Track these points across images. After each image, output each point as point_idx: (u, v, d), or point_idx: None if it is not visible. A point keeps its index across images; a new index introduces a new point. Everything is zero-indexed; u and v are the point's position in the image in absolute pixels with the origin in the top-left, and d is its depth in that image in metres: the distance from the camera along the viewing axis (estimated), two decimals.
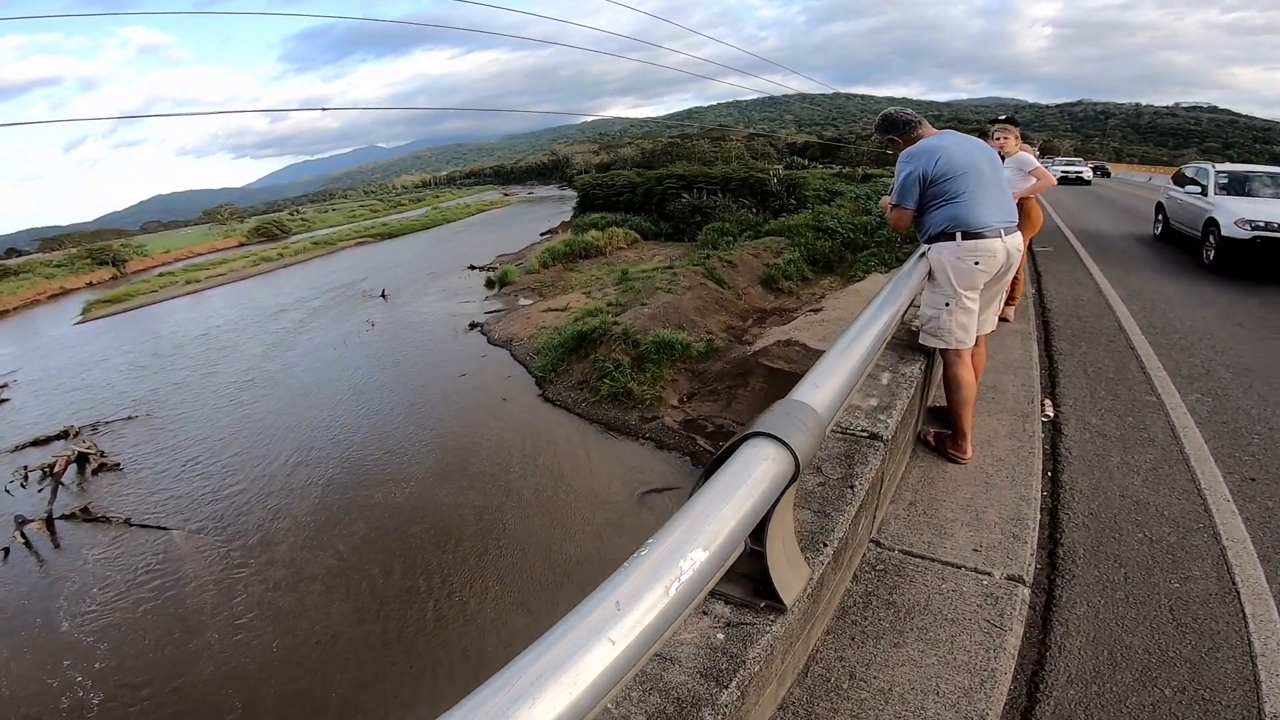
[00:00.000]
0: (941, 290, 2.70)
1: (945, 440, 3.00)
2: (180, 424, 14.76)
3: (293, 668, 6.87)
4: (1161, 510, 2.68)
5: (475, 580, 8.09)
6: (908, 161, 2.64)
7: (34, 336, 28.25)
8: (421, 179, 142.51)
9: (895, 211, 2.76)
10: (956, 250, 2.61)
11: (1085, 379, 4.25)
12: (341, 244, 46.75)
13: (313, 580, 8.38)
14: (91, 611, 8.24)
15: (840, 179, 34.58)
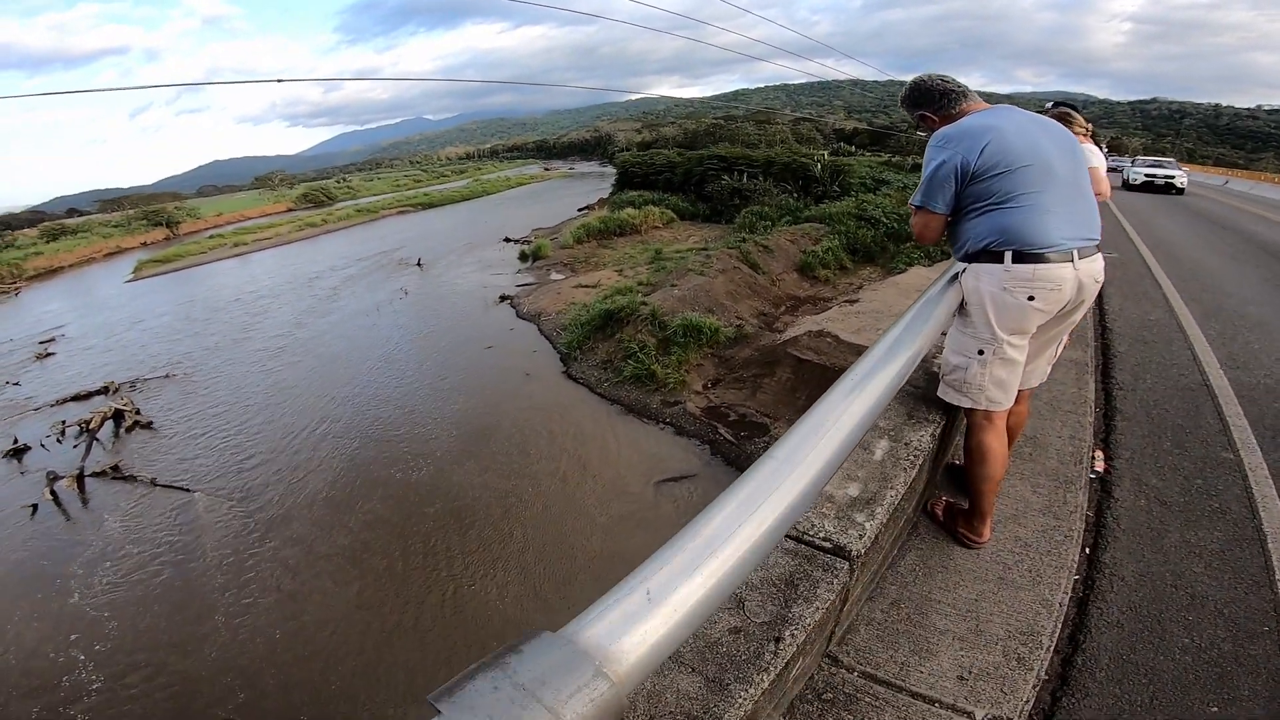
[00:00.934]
0: (975, 331, 1.99)
1: (958, 515, 2.31)
2: (213, 386, 15.10)
3: (296, 655, 6.71)
4: (1222, 609, 2.03)
5: (492, 569, 7.85)
6: (942, 146, 1.92)
7: (86, 293, 29.46)
8: (465, 151, 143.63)
9: (920, 216, 2.01)
10: (1003, 278, 1.88)
11: (1148, 424, 3.44)
12: (383, 212, 47.65)
13: (325, 560, 8.26)
14: (104, 582, 8.25)
15: (888, 167, 33.42)
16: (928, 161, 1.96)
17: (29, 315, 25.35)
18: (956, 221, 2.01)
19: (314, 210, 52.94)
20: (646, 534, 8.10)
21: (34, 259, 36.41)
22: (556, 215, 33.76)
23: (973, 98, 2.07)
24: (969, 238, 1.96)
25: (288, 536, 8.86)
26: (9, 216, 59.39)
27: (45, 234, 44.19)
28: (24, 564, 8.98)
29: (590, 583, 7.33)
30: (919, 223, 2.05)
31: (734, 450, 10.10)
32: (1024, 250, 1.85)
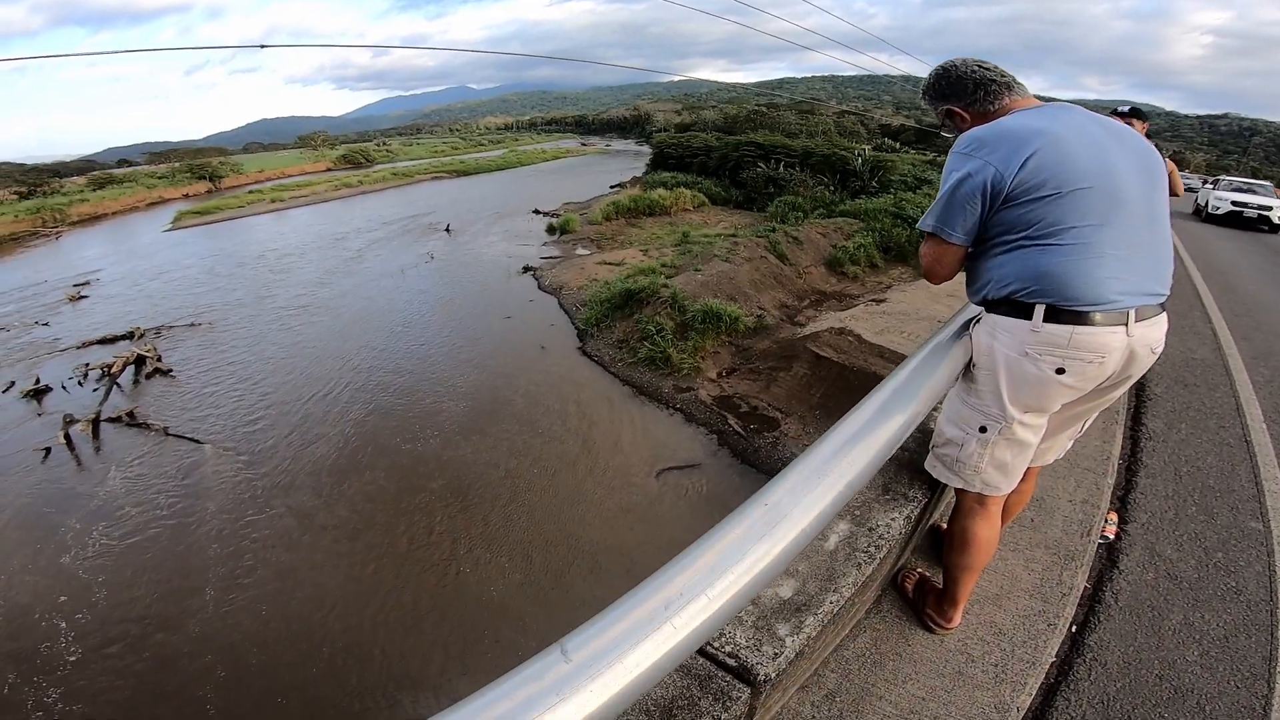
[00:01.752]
0: (979, 402, 1.60)
1: (929, 594, 1.99)
2: (234, 338, 15.29)
3: (283, 634, 6.50)
4: (1205, 704, 1.80)
5: (491, 553, 7.64)
6: (969, 153, 1.44)
7: (125, 240, 30.12)
8: (504, 122, 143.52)
9: (930, 246, 1.57)
10: (1026, 340, 1.45)
11: (1174, 483, 3.02)
12: (419, 177, 47.86)
13: (323, 533, 8.09)
14: (99, 544, 8.14)
15: (933, 167, 32.35)
16: (948, 173, 1.48)
17: (67, 259, 26.04)
18: (977, 256, 1.55)
19: (352, 171, 53.49)
20: (646, 528, 8.00)
21: (79, 205, 37.36)
22: (588, 191, 33.50)
23: (1020, 91, 1.57)
24: (989, 280, 1.51)
25: (289, 505, 8.74)
26: (59, 165, 60.98)
27: (92, 182, 45.32)
28: (28, 510, 9.01)
29: (586, 574, 7.20)
30: (929, 254, 1.57)
31: (741, 443, 9.95)
32: (1062, 306, 1.39)
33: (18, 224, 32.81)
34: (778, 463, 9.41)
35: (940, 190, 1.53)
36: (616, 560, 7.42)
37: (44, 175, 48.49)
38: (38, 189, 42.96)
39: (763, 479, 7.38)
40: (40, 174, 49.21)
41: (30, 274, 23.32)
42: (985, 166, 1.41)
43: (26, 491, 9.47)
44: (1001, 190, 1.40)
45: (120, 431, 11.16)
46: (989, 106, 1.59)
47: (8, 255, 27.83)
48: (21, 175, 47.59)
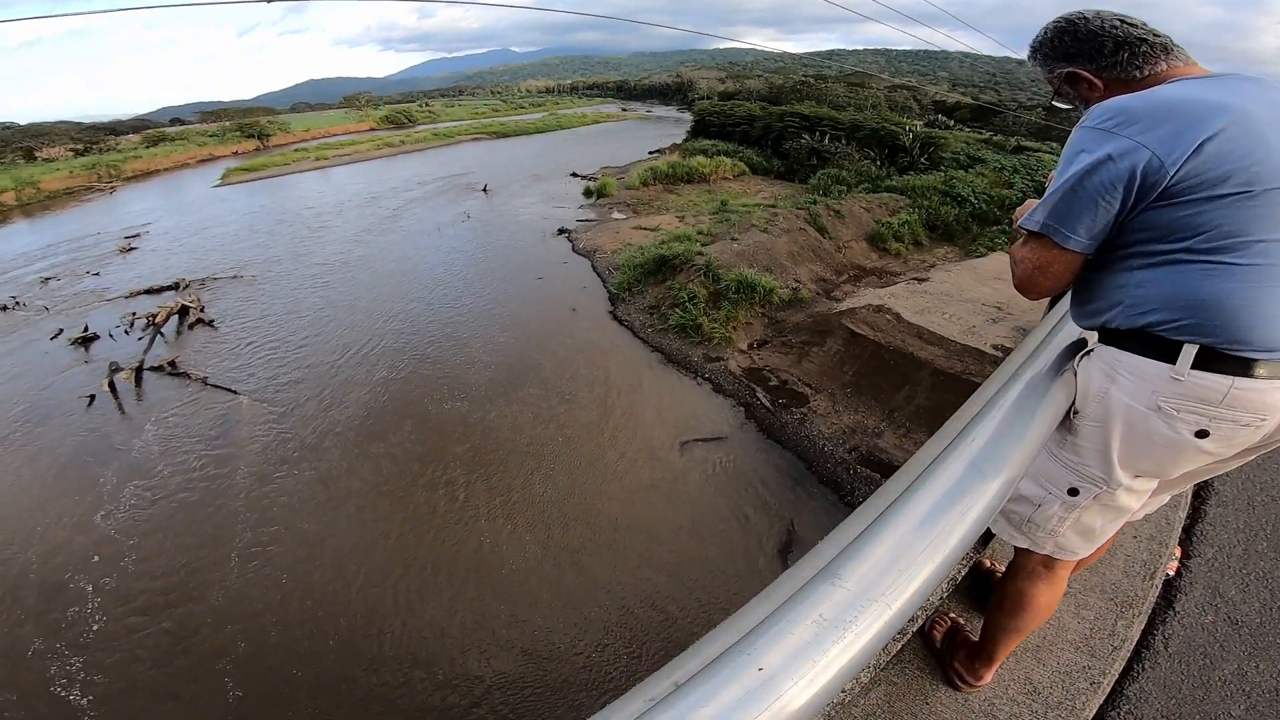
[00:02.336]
0: (1075, 460, 1.28)
1: (959, 645, 1.72)
2: (275, 292, 15.62)
3: (304, 606, 6.53)
4: None
5: (512, 526, 7.53)
6: (1111, 129, 1.06)
7: (175, 195, 31.12)
8: (545, 85, 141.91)
9: (1035, 249, 1.18)
10: (1162, 389, 1.10)
11: (1246, 513, 2.65)
12: (459, 138, 48.17)
13: (348, 500, 8.13)
14: (132, 503, 8.26)
15: (987, 146, 30.93)
16: (1073, 154, 1.10)
17: (120, 212, 26.97)
18: (1100, 268, 1.18)
19: (394, 131, 54.14)
20: (667, 505, 7.91)
21: (132, 162, 38.83)
22: (627, 156, 33.10)
23: (1180, 56, 1.20)
24: (1119, 303, 1.14)
25: (316, 468, 8.75)
26: (115, 123, 63.16)
27: (146, 140, 47.08)
28: (69, 460, 9.27)
29: (601, 552, 7.16)
30: (1030, 261, 1.18)
31: (769, 417, 9.82)
32: (1224, 349, 1.04)
33: (73, 179, 34.16)
34: (804, 439, 9.28)
35: (1057, 177, 1.13)
36: (635, 540, 7.33)
37: (100, 133, 50.46)
38: (94, 146, 44.70)
39: (789, 456, 7.11)
40: (96, 132, 51.15)
41: (84, 226, 24.20)
42: (1136, 149, 1.02)
43: (69, 439, 9.78)
44: (1159, 182, 1.02)
45: (162, 380, 11.54)
46: (1135, 72, 1.20)
47: (63, 208, 28.93)
48: (78, 133, 49.34)
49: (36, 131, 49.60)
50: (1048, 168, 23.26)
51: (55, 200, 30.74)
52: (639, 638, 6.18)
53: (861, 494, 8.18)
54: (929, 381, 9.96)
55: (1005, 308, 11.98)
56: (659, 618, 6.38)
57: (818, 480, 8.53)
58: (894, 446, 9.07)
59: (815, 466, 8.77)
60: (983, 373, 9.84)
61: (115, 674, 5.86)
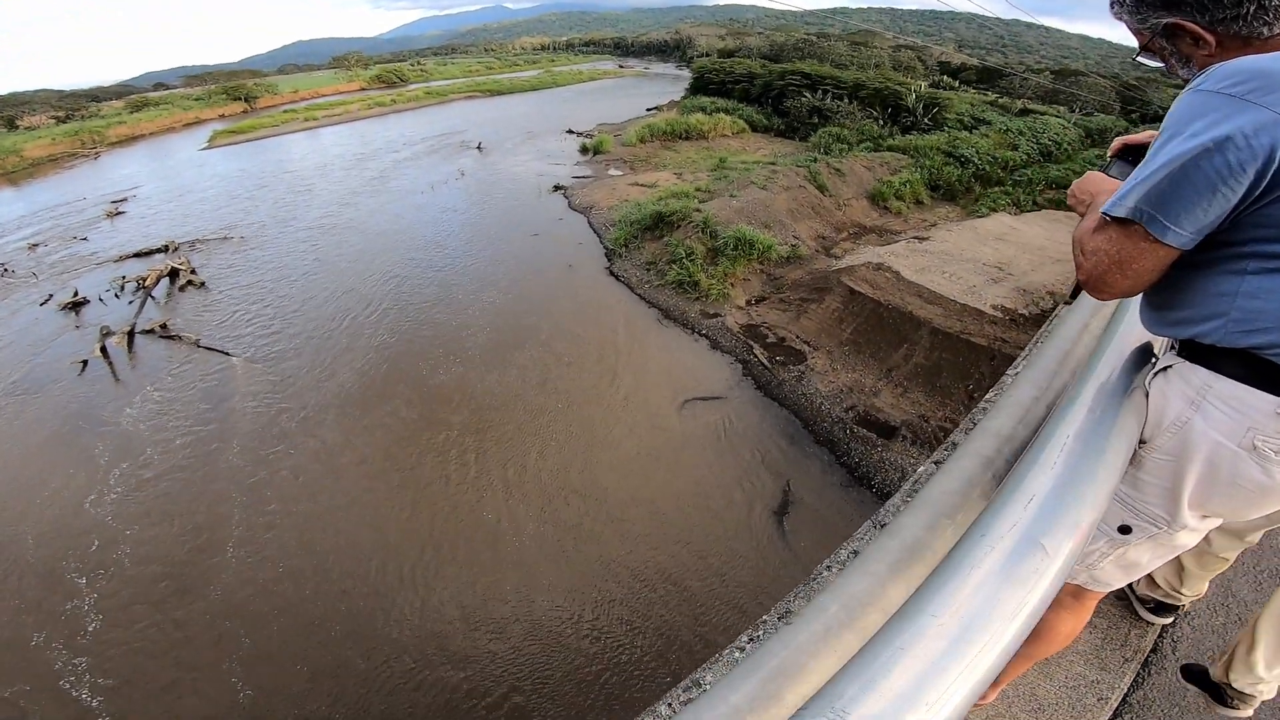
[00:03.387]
0: (1133, 494, 1.12)
1: None
2: (265, 253, 15.29)
3: (303, 595, 6.29)
4: None
5: (511, 500, 7.31)
6: (1241, 95, 0.82)
7: (162, 158, 30.38)
8: (541, 42, 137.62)
9: (1114, 240, 0.95)
10: (1261, 425, 0.93)
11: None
12: (453, 96, 47.12)
13: (343, 475, 7.86)
14: (126, 483, 7.91)
15: (992, 108, 30.30)
16: (1181, 126, 0.87)
17: (106, 177, 26.32)
18: (1196, 267, 0.96)
19: (386, 91, 52.88)
20: (667, 474, 7.80)
21: (116, 127, 37.79)
22: (624, 113, 32.35)
23: None
24: (1220, 313, 0.94)
25: (312, 441, 8.49)
26: (97, 90, 61.92)
27: (129, 105, 45.83)
28: (62, 432, 9.04)
29: (605, 525, 7.03)
30: (1109, 252, 0.95)
31: (766, 374, 9.77)
32: None
33: (55, 146, 33.37)
34: (801, 397, 9.24)
35: (1156, 151, 0.90)
36: (638, 514, 7.22)
37: (81, 100, 49.33)
38: (76, 113, 43.58)
39: (785, 414, 7.02)
40: (78, 99, 50.00)
41: (69, 192, 23.64)
42: (1275, 124, 0.80)
43: (62, 410, 9.56)
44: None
45: (154, 343, 11.37)
46: (1264, 29, 0.93)
47: (47, 175, 28.24)
48: (59, 101, 48.24)
49: (16, 101, 48.41)
50: (1053, 131, 22.79)
51: (39, 167, 30.00)
52: (636, 595, 6.23)
53: (857, 454, 8.16)
54: (927, 341, 9.89)
55: (1006, 268, 11.85)
56: (654, 574, 6.42)
57: (814, 440, 8.51)
58: (891, 406, 9.05)
59: (812, 425, 8.75)
60: (982, 332, 9.78)
61: (121, 675, 5.68)
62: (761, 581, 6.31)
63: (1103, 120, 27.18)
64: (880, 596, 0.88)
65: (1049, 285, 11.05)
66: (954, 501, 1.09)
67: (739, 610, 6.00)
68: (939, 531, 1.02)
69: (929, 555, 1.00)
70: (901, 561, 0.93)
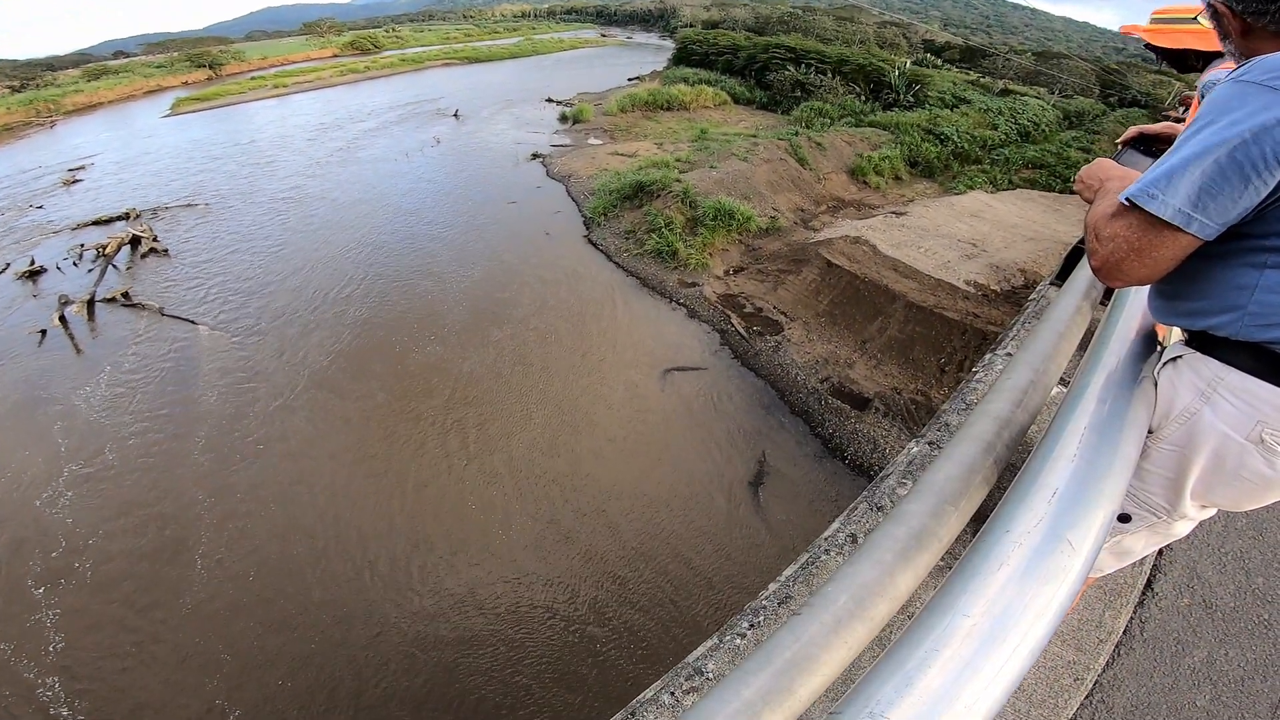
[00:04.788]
0: (1140, 487, 1.13)
1: None
2: (231, 222, 14.80)
3: (276, 601, 5.90)
4: None
5: (490, 491, 6.99)
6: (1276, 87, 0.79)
7: (121, 126, 29.13)
8: (522, 10, 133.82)
9: (1131, 224, 0.91)
10: (1272, 419, 0.94)
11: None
12: (429, 63, 45.78)
13: (320, 471, 7.37)
14: (85, 476, 7.39)
15: (974, 87, 30.40)
16: (1216, 114, 0.85)
17: (62, 145, 25.21)
18: (1213, 258, 0.94)
19: (359, 58, 51.21)
20: (643, 445, 7.71)
21: (73, 96, 36.20)
22: (605, 82, 31.73)
23: None
24: (1237, 306, 0.93)
25: (283, 431, 8.01)
26: (53, 59, 59.34)
27: (87, 74, 43.81)
28: (19, 408, 8.62)
29: (588, 519, 6.81)
30: (1127, 240, 0.92)
31: (743, 344, 9.80)
32: None
33: (10, 115, 31.80)
34: (777, 367, 9.29)
35: (1186, 139, 0.88)
36: (614, 486, 7.13)
37: (36, 70, 46.97)
38: (30, 82, 41.57)
39: (761, 384, 7.02)
40: (33, 69, 47.69)
41: (24, 161, 22.60)
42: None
43: (20, 385, 9.12)
44: None
45: (115, 312, 10.96)
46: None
47: (1, 144, 26.81)
48: (12, 70, 45.92)
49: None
50: (1033, 112, 22.92)
51: None
52: (602, 556, 6.26)
53: (831, 425, 8.25)
54: (902, 314, 9.99)
55: (980, 245, 11.98)
56: (632, 547, 6.49)
57: (789, 410, 8.57)
58: (865, 378, 9.14)
59: (787, 396, 8.81)
60: (954, 307, 9.90)
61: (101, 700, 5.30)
62: (735, 553, 6.34)
63: (1082, 103, 27.41)
64: (889, 586, 0.87)
65: (1020, 263, 11.20)
66: (956, 488, 1.08)
67: (708, 583, 6.04)
68: (944, 519, 1.02)
69: (935, 543, 1.00)
70: (909, 550, 0.92)
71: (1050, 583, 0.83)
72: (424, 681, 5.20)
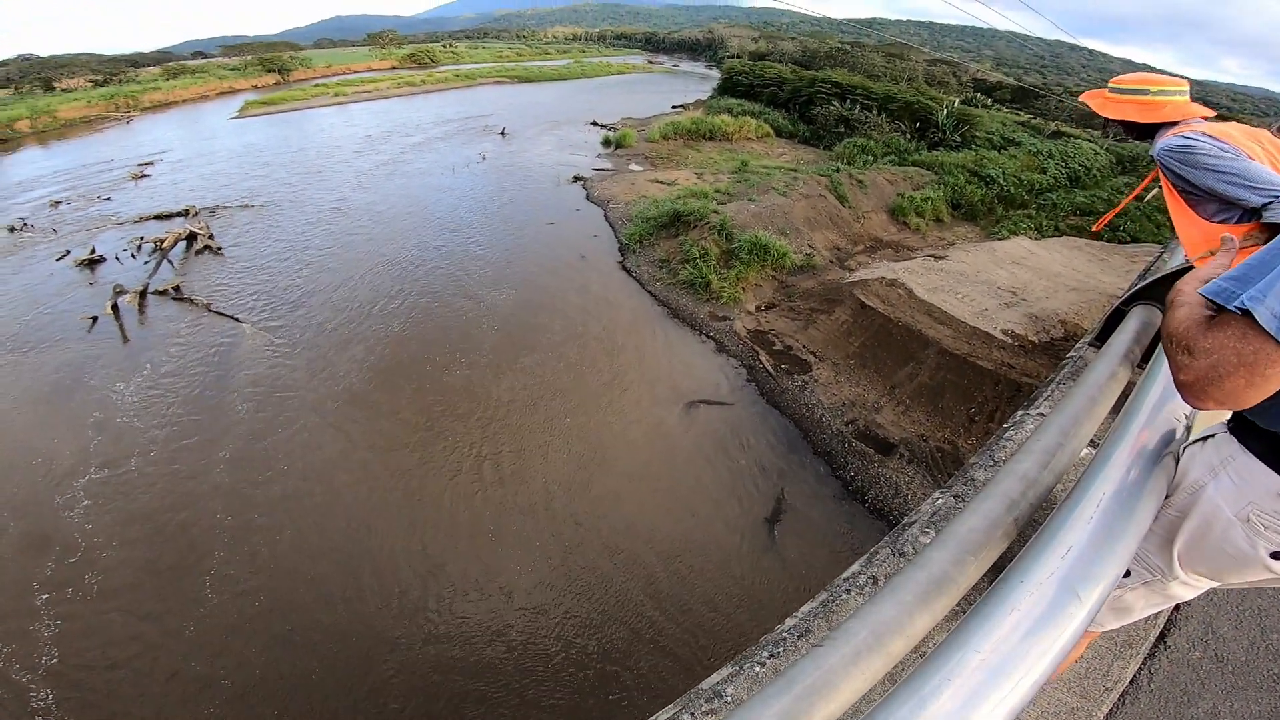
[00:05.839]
0: (1144, 547, 1.17)
1: None
2: (283, 225, 15.33)
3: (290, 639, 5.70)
4: None
5: (513, 519, 6.92)
6: None
7: (192, 125, 30.79)
8: (572, 32, 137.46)
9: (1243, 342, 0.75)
10: (1259, 501, 0.98)
11: None
12: (481, 80, 47.47)
13: (343, 490, 7.39)
14: (106, 480, 7.44)
15: (1025, 129, 29.95)
16: None
17: (135, 141, 26.67)
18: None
19: (416, 71, 53.64)
20: (664, 476, 7.69)
21: (151, 93, 38.48)
22: (649, 109, 32.28)
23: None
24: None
25: (309, 444, 8.11)
26: (137, 56, 62.82)
27: (166, 73, 46.48)
28: (60, 391, 8.96)
29: (599, 522, 6.92)
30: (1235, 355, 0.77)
31: (770, 382, 9.73)
32: None
33: (90, 109, 33.91)
34: (802, 407, 9.18)
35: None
36: (635, 514, 7.13)
37: (121, 65, 49.83)
38: (113, 77, 44.20)
39: (786, 422, 7.07)
40: (117, 64, 50.51)
41: (98, 154, 23.90)
42: None
43: (64, 366, 9.53)
44: None
45: (165, 305, 11.42)
46: None
47: (78, 137, 28.58)
48: (99, 65, 48.67)
49: (58, 63, 49.04)
50: (1084, 155, 22.39)
51: (70, 129, 30.45)
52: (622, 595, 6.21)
53: (854, 468, 8.12)
54: (934, 360, 9.80)
55: (1020, 293, 11.71)
56: (644, 575, 6.44)
57: (812, 450, 8.46)
58: (891, 423, 8.98)
59: (811, 436, 8.71)
60: (989, 356, 9.68)
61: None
62: (749, 588, 6.28)
63: (1136, 147, 26.68)
64: (907, 625, 0.95)
65: (1062, 313, 10.90)
66: (978, 540, 1.15)
67: (718, 611, 6.00)
68: (964, 568, 1.09)
69: (953, 589, 1.07)
70: (929, 594, 1.00)
71: (1054, 628, 0.93)
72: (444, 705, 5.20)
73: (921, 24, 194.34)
